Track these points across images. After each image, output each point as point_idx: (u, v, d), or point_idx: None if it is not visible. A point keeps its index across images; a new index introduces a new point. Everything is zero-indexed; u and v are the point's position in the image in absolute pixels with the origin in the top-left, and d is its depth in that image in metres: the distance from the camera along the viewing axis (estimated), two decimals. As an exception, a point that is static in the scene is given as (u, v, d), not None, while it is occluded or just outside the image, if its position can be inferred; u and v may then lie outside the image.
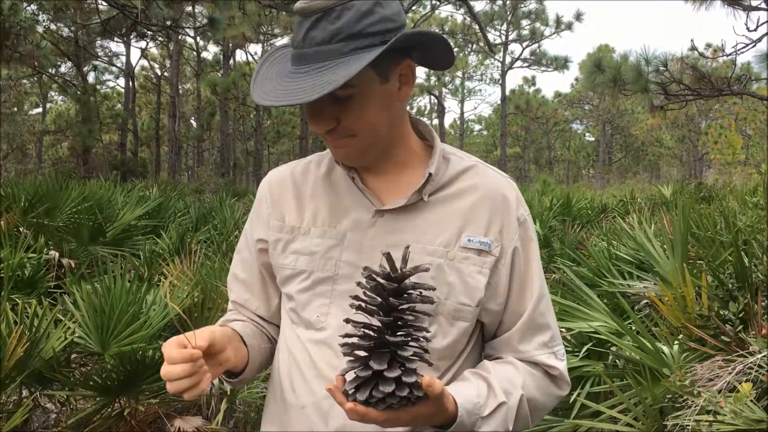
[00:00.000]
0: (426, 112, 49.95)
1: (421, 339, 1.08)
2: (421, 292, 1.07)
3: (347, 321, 1.10)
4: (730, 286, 3.18)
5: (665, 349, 3.02)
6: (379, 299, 1.07)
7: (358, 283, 1.09)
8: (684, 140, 42.29)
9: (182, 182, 23.78)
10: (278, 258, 1.38)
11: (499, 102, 37.19)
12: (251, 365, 1.36)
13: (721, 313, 3.03)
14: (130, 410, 3.73)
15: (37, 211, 6.49)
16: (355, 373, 1.08)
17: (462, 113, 48.10)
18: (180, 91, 31.32)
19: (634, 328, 3.27)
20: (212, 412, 3.95)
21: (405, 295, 1.06)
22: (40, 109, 40.75)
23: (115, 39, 26.55)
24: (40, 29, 18.75)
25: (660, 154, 48.39)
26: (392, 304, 1.05)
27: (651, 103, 10.69)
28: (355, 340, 1.08)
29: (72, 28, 22.80)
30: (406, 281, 1.06)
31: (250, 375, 1.38)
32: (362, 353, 1.08)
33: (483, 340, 1.38)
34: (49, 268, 5.78)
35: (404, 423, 1.10)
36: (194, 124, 39.33)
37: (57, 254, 6.14)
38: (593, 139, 51.83)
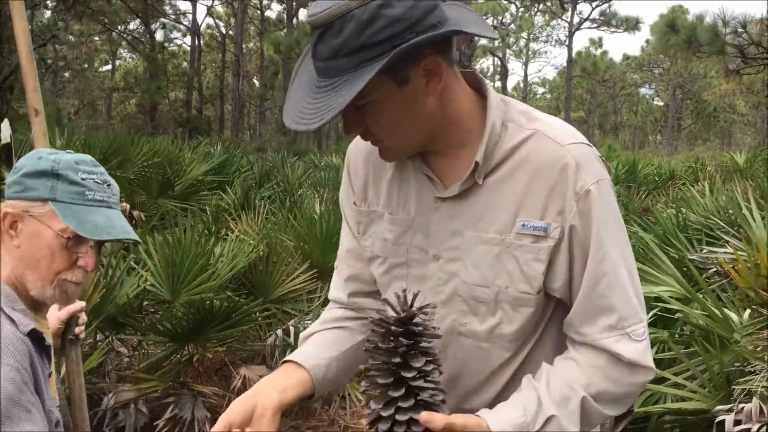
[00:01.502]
0: (489, 74, 49.19)
1: (418, 379, 1.09)
2: (425, 329, 1.10)
3: (366, 350, 1.14)
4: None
5: (734, 316, 2.96)
6: (373, 344, 1.12)
7: (371, 321, 1.13)
8: (759, 107, 40.53)
9: (245, 140, 24.14)
10: (360, 239, 1.40)
11: (564, 64, 36.29)
12: (320, 387, 1.33)
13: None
14: (198, 357, 3.88)
15: (111, 164, 6.69)
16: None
17: (525, 75, 47.31)
18: (244, 50, 31.57)
19: (703, 296, 3.21)
20: (276, 361, 4.07)
21: (409, 339, 1.09)
22: (109, 66, 41.80)
23: (182, -3, 26.83)
24: (110, -13, 19.13)
25: (733, 121, 46.56)
26: (390, 350, 1.10)
27: (726, 66, 10.29)
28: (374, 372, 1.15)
29: (141, -14, 23.17)
30: (400, 336, 1.08)
31: (328, 389, 1.40)
32: (376, 392, 1.13)
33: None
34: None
35: None
36: (257, 83, 39.71)
37: (128, 206, 6.36)
38: (662, 104, 50.21)
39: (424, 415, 1.07)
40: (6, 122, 1.72)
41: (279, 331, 4.15)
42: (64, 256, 1.39)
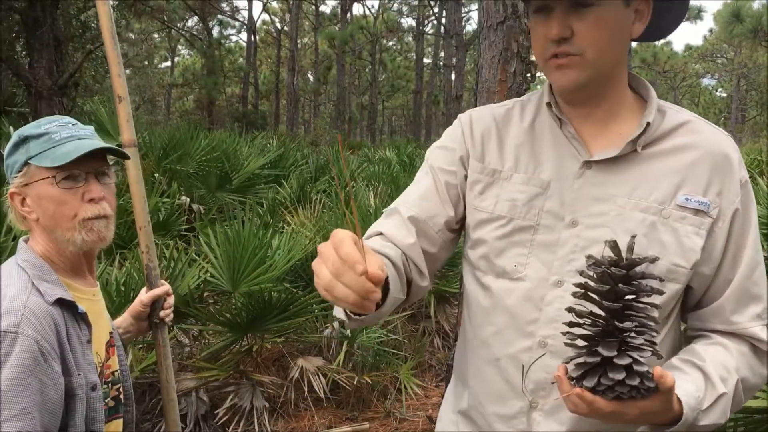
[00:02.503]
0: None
1: (652, 331, 1.01)
2: (650, 286, 1.01)
3: (569, 310, 1.05)
4: None
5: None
6: (606, 287, 1.01)
7: (582, 272, 1.04)
8: (829, 97, 38.86)
9: (300, 135, 24.38)
10: (474, 199, 1.34)
11: (622, 55, 35.44)
12: (380, 311, 1.12)
13: None
14: (257, 347, 3.95)
15: (171, 158, 6.85)
16: (583, 358, 1.03)
17: (582, 67, 46.28)
18: (298, 45, 31.86)
19: None
20: (332, 354, 4.11)
21: (634, 284, 1.00)
22: (168, 63, 42.73)
23: (239, -7, 27.27)
24: (169, -16, 19.53)
25: (800, 112, 44.73)
26: (620, 292, 1.00)
27: (795, 55, 9.93)
28: (579, 330, 1.04)
29: (198, -16, 23.60)
30: (636, 269, 1.00)
31: (372, 321, 1.19)
32: (584, 342, 1.03)
33: (684, 310, 1.30)
34: (181, 212, 6.13)
35: (629, 418, 1.05)
36: (311, 78, 40.05)
37: (188, 199, 6.50)
38: (725, 95, 48.66)
39: (658, 370, 1.01)
40: None
41: (335, 323, 4.19)
42: (69, 199, 1.46)
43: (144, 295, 1.82)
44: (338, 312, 1.13)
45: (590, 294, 1.03)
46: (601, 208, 1.22)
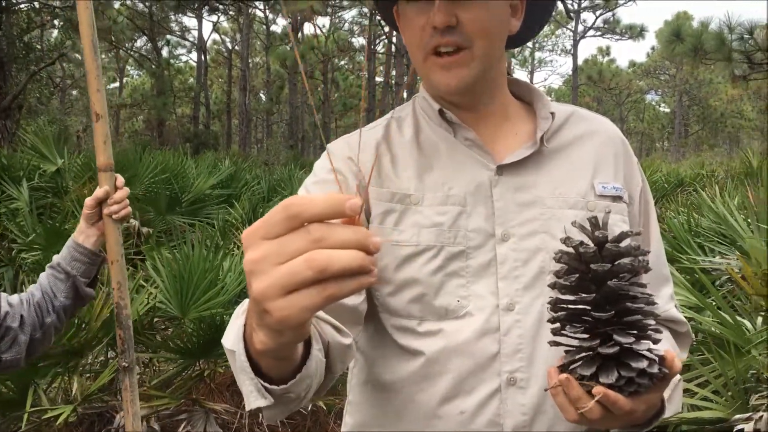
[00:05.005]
0: (494, 84, 49.28)
1: (645, 310, 0.87)
2: (633, 260, 0.86)
3: (551, 304, 0.91)
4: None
5: (747, 323, 2.92)
6: (577, 275, 0.87)
7: (556, 259, 0.91)
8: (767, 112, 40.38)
9: (253, 154, 24.23)
10: (390, 233, 1.12)
11: (570, 73, 36.31)
12: (303, 375, 0.81)
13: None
14: (209, 373, 3.86)
15: (118, 181, 6.68)
16: (597, 350, 0.86)
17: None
18: (250, 65, 31.72)
19: (714, 303, 3.17)
20: (287, 377, 4.04)
21: (614, 265, 0.85)
22: (117, 84, 42.07)
23: (188, 13, 27.08)
24: (116, 4, 19.28)
25: (740, 126, 46.39)
26: (597, 276, 0.86)
27: (733, 72, 10.28)
28: (571, 328, 0.89)
29: (147, 3, 23.36)
30: (607, 247, 0.86)
31: (298, 392, 0.82)
32: (583, 336, 0.88)
33: None
34: (128, 236, 5.99)
35: (635, 417, 0.91)
36: (264, 97, 39.91)
37: (137, 223, 6.36)
38: (668, 110, 50.19)
39: (670, 353, 0.88)
40: None
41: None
42: None
43: (89, 199, 1.65)
44: (254, 395, 0.80)
45: (565, 288, 0.90)
46: (530, 214, 1.12)
